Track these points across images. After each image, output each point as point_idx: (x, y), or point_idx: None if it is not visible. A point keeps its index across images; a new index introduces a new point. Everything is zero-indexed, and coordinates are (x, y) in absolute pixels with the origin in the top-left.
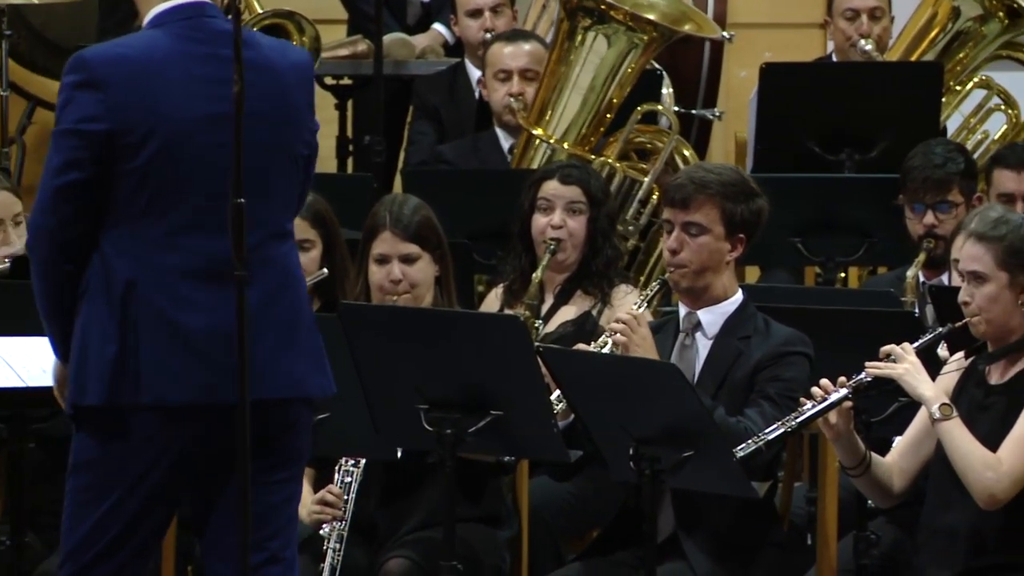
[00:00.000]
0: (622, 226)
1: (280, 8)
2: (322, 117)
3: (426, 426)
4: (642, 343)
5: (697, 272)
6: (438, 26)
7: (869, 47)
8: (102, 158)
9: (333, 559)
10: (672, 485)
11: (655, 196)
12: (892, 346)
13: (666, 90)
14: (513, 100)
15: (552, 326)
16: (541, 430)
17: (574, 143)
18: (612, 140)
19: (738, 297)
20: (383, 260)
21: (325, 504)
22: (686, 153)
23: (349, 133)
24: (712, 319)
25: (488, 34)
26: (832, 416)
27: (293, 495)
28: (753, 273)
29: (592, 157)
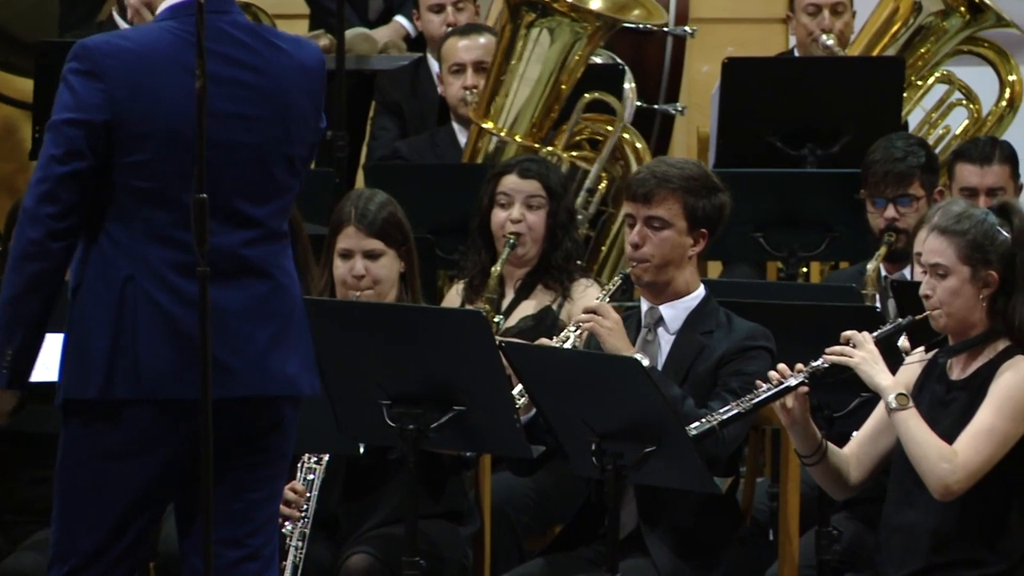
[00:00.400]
0: None
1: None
2: None
3: (388, 422)
4: (615, 327)
5: (659, 267)
6: (400, 19)
7: (831, 42)
8: (101, 149)
9: (295, 557)
10: (634, 481)
11: (603, 185)
12: (852, 332)
13: (628, 85)
14: (468, 93)
15: (512, 320)
16: (503, 425)
17: (524, 135)
18: (561, 130)
19: (700, 292)
20: (347, 255)
21: (286, 502)
22: (638, 146)
23: None
24: (674, 314)
25: (450, 29)
26: (788, 400)
27: (275, 493)
28: (715, 268)
29: (540, 148)
